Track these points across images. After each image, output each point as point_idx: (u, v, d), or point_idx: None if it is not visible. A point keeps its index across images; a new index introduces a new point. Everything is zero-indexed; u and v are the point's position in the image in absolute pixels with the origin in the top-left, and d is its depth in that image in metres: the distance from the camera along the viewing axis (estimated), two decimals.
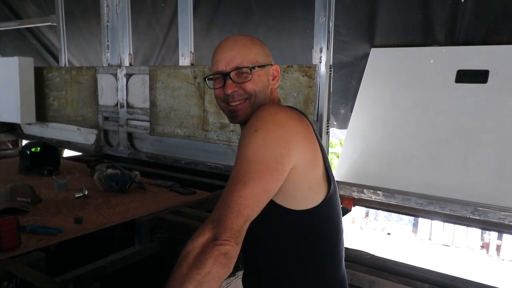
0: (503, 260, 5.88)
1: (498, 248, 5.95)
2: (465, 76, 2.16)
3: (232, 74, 1.09)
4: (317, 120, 2.29)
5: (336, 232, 1.10)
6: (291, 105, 1.23)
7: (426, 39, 2.34)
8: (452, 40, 2.26)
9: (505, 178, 1.91)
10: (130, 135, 3.26)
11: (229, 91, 1.09)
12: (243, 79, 1.09)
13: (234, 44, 1.11)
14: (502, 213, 1.82)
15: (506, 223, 1.83)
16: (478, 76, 2.13)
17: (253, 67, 1.09)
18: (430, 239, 6.45)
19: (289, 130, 0.97)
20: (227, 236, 0.85)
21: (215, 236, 0.86)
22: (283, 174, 0.94)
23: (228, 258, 0.84)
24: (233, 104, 1.10)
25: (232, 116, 1.12)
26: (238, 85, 1.09)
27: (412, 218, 5.98)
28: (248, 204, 0.89)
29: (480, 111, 2.08)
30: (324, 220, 1.05)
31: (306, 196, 1.02)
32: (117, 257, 1.60)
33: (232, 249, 0.85)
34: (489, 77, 2.10)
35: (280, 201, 1.01)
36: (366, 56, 2.56)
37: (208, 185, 2.45)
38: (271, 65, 1.16)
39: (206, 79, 1.18)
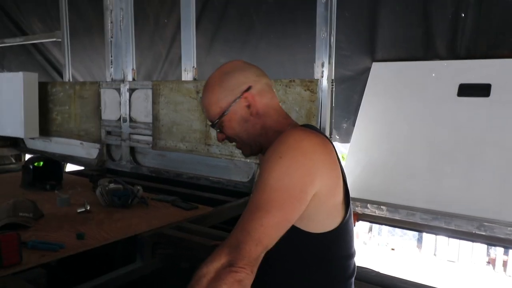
0: (510, 276, 5.79)
1: (505, 264, 5.86)
2: (467, 90, 2.16)
3: (215, 126, 1.18)
4: None
5: (347, 256, 1.08)
6: (297, 120, 1.23)
7: (427, 53, 2.35)
8: (453, 54, 2.27)
9: (509, 193, 1.89)
10: (132, 150, 3.26)
11: (220, 139, 1.20)
12: (220, 128, 1.17)
13: (204, 96, 1.20)
14: (509, 228, 1.80)
15: None
16: (480, 90, 2.12)
17: (217, 120, 1.15)
18: (435, 254, 6.37)
19: (314, 159, 0.94)
20: (244, 264, 0.84)
21: (230, 262, 0.85)
22: (305, 203, 0.93)
23: (242, 286, 0.83)
24: (235, 145, 1.19)
25: (242, 152, 1.21)
26: (223, 133, 1.18)
27: (416, 233, 5.92)
28: (268, 233, 0.88)
29: (483, 125, 2.07)
30: (337, 244, 1.03)
31: (324, 221, 1.01)
32: (119, 274, 1.59)
33: (247, 277, 0.84)
34: (491, 90, 2.10)
35: (297, 223, 0.97)
36: (367, 70, 2.57)
37: (210, 199, 2.44)
38: (239, 97, 1.14)
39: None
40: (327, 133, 2.32)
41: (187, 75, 2.91)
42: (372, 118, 2.43)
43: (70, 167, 3.89)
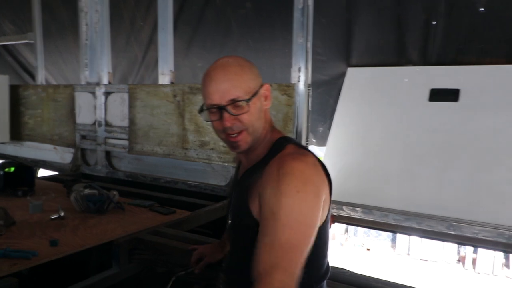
0: (478, 273, 6.00)
1: (474, 261, 6.07)
2: (438, 95, 2.23)
3: (228, 107, 1.07)
4: (296, 137, 2.32)
5: (323, 256, 1.13)
6: (274, 125, 1.24)
7: (400, 59, 2.42)
8: (425, 60, 2.34)
9: (478, 194, 1.96)
10: (108, 154, 3.21)
11: (228, 124, 1.08)
12: (239, 111, 1.08)
13: (225, 74, 1.08)
14: (476, 227, 1.87)
15: (480, 237, 1.87)
16: (450, 95, 2.20)
17: (249, 99, 1.08)
18: (408, 254, 6.53)
19: (322, 188, 1.03)
20: None
21: None
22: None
23: None
24: (233, 135, 1.09)
25: (234, 146, 1.12)
26: (235, 118, 1.08)
27: (390, 233, 6.06)
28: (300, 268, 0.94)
29: (453, 129, 2.15)
30: (317, 245, 1.05)
31: None
32: (94, 281, 1.57)
33: None
34: (460, 95, 2.17)
35: (256, 215, 1.06)
36: (343, 75, 2.62)
37: (188, 204, 2.44)
38: (261, 86, 1.13)
39: (200, 112, 1.14)
40: (304, 137, 2.35)
41: (164, 79, 2.89)
42: (347, 121, 2.48)
43: (43, 173, 3.79)
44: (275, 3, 2.65)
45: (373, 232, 6.63)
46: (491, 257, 5.90)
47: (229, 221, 1.22)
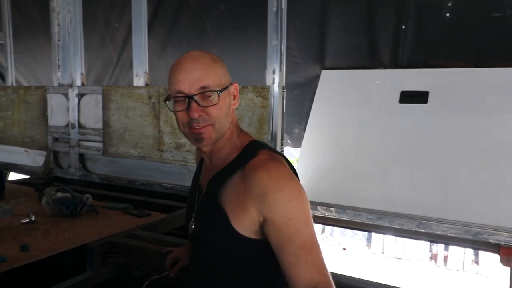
0: (450, 270, 6.18)
1: (445, 259, 6.24)
2: (408, 97, 2.29)
3: (197, 97, 1.02)
4: (271, 139, 2.34)
5: None
6: (245, 128, 1.25)
7: (372, 61, 2.48)
8: (396, 63, 2.41)
9: (446, 193, 2.03)
10: (82, 157, 3.16)
11: (196, 115, 1.02)
12: (208, 103, 1.03)
13: (196, 63, 1.04)
14: (445, 225, 1.94)
15: (449, 234, 1.94)
16: (420, 97, 2.27)
17: (220, 90, 1.04)
18: (383, 252, 6.66)
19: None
20: None
21: None
22: None
23: None
24: (198, 127, 1.04)
25: (198, 139, 1.06)
26: (203, 109, 1.02)
27: (365, 233, 6.16)
28: None
29: (422, 130, 2.22)
30: None
31: None
32: (67, 285, 1.55)
33: None
34: (429, 97, 2.24)
35: (255, 234, 1.02)
36: (317, 77, 2.66)
37: (164, 206, 2.42)
38: (231, 84, 1.10)
39: (166, 101, 1.09)
40: (279, 138, 2.38)
41: (139, 81, 2.87)
42: (322, 123, 2.52)
43: (14, 176, 3.69)
44: (249, 6, 2.67)
45: (349, 232, 6.73)
46: (461, 254, 6.08)
47: (193, 227, 1.15)
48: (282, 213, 0.96)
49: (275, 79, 2.32)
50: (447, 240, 2.05)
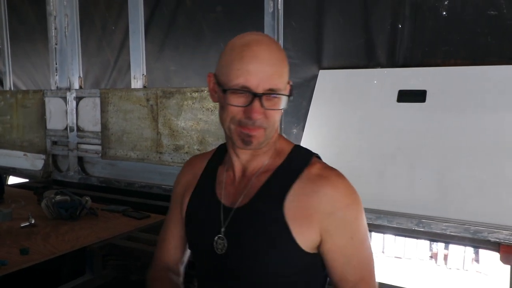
0: (450, 268, 6.18)
1: (446, 257, 6.25)
2: (406, 96, 2.30)
3: (263, 98, 0.88)
4: None
5: None
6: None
7: (369, 61, 2.48)
8: (393, 62, 2.41)
9: (445, 191, 2.03)
10: (80, 160, 3.16)
11: (258, 117, 0.88)
12: (271, 106, 0.89)
13: (271, 55, 0.88)
14: (444, 224, 1.94)
15: (448, 233, 1.94)
16: (417, 96, 2.27)
17: (288, 96, 0.91)
18: (383, 252, 6.66)
19: None
20: None
21: None
22: None
23: None
24: (250, 128, 0.90)
25: (247, 141, 0.91)
26: (264, 111, 0.89)
27: None
28: None
29: (420, 129, 2.22)
30: None
31: None
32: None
33: None
34: (427, 96, 2.25)
35: (309, 248, 0.94)
36: (315, 77, 2.66)
37: (163, 208, 2.42)
38: (288, 82, 0.95)
39: (223, 89, 0.90)
40: None
41: (137, 83, 2.87)
42: (320, 123, 2.53)
43: (13, 180, 3.69)
44: (246, 7, 2.67)
45: None
46: (461, 253, 6.09)
47: (225, 245, 0.96)
48: (345, 232, 0.92)
49: None
50: (446, 239, 2.06)
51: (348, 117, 2.45)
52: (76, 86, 3.14)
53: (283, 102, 0.91)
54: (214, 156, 1.12)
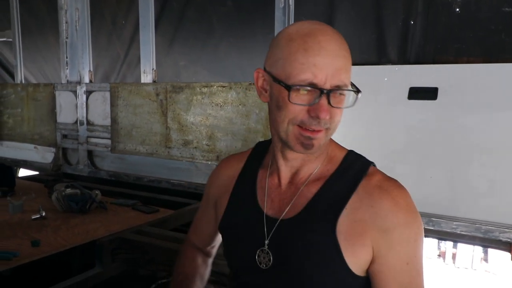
0: (458, 267, 6.14)
1: (454, 256, 6.21)
2: (417, 93, 2.27)
3: (331, 94, 0.77)
4: None
5: None
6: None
7: (380, 58, 2.46)
8: (404, 59, 2.38)
9: (455, 190, 2.02)
10: (90, 153, 3.18)
11: (324, 116, 0.77)
12: (338, 103, 0.80)
13: (340, 48, 0.78)
14: (454, 222, 1.93)
15: (458, 232, 1.93)
16: (429, 93, 2.25)
17: (356, 91, 0.82)
18: None
19: None
20: None
21: None
22: None
23: None
24: (313, 130, 0.79)
25: (307, 144, 0.80)
26: (330, 110, 0.78)
27: None
28: None
29: (431, 126, 2.20)
30: None
31: None
32: (77, 281, 1.56)
33: None
34: (438, 94, 2.22)
35: (359, 271, 0.82)
36: None
37: (171, 202, 2.44)
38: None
39: (286, 86, 0.78)
40: None
41: (146, 77, 2.88)
42: None
43: (23, 172, 3.73)
44: (256, 2, 2.66)
45: None
46: (470, 252, 6.04)
47: (271, 259, 0.86)
48: (401, 255, 0.79)
49: None
50: (457, 238, 2.04)
51: (358, 114, 2.43)
52: (86, 80, 3.16)
53: (349, 99, 0.82)
54: (252, 158, 1.01)
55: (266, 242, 0.86)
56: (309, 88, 0.76)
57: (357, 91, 0.81)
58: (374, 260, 0.80)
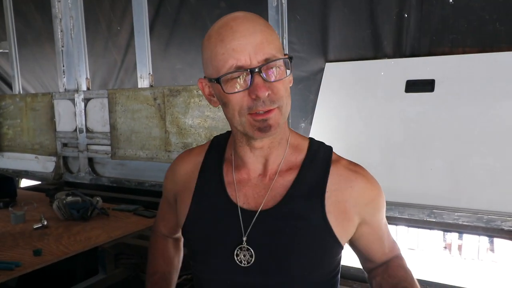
0: (465, 259, 6.13)
1: (460, 248, 6.20)
2: (414, 86, 2.27)
3: (262, 70, 0.76)
4: None
5: None
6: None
7: (376, 52, 2.45)
8: (400, 52, 2.38)
9: (456, 181, 2.01)
10: (91, 160, 3.19)
11: (265, 93, 0.76)
12: (276, 77, 0.78)
13: (255, 24, 0.78)
14: (456, 213, 1.92)
15: (461, 223, 1.92)
16: (426, 85, 2.24)
17: (289, 59, 0.80)
18: None
19: None
20: None
21: (399, 256, 1.06)
22: None
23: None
24: (263, 111, 0.78)
25: (263, 127, 0.79)
26: (269, 86, 0.77)
27: None
28: None
29: (429, 118, 2.19)
30: None
31: None
32: (81, 287, 1.56)
33: None
34: (435, 86, 2.22)
35: (345, 242, 0.95)
36: (321, 70, 2.64)
37: None
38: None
39: (216, 81, 0.79)
40: None
41: (143, 82, 2.88)
42: (328, 116, 2.51)
43: (25, 183, 3.74)
44: (249, 2, 2.66)
45: None
46: (475, 243, 6.03)
47: (253, 256, 0.84)
48: (380, 217, 0.99)
49: None
50: (459, 229, 2.04)
51: (356, 109, 2.43)
52: (84, 87, 3.16)
53: (286, 70, 0.80)
54: (211, 152, 0.98)
55: (244, 238, 0.84)
56: (236, 73, 0.76)
57: (289, 58, 0.81)
58: (361, 226, 0.93)
